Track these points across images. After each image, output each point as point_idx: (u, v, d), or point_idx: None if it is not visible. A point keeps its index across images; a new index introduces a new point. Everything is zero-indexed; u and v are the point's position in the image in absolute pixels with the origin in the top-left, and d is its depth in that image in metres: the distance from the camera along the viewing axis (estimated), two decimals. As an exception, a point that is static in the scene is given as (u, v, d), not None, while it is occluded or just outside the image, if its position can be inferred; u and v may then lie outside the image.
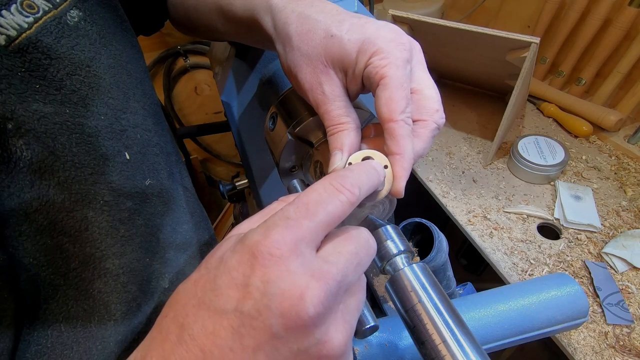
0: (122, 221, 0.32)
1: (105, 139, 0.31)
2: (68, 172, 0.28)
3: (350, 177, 0.25)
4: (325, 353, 0.21)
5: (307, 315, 0.20)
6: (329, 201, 0.23)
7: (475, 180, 0.87)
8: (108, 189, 0.31)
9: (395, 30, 0.31)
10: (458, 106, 1.08)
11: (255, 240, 0.21)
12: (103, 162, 0.31)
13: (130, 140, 0.34)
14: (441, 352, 0.25)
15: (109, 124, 0.32)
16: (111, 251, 0.32)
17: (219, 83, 0.50)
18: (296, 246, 0.21)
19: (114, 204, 0.32)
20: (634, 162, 0.87)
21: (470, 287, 0.84)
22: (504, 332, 0.45)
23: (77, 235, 0.29)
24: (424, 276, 0.29)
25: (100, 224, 0.31)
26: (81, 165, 0.29)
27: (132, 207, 0.33)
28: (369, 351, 0.44)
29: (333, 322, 0.21)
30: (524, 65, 0.72)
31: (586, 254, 0.71)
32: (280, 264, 0.20)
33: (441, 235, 0.56)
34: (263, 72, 0.47)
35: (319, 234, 0.23)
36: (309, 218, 0.22)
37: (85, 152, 0.29)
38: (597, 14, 0.87)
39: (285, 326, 0.20)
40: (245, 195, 0.93)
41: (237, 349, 0.20)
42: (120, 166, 0.32)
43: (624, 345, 0.58)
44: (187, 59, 1.17)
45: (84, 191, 0.30)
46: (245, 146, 0.53)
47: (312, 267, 0.21)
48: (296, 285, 0.20)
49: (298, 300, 0.20)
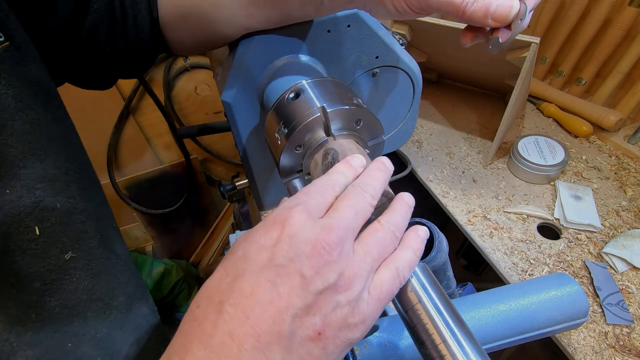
0: (32, 305, 0.30)
1: (7, 215, 0.29)
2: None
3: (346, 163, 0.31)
4: (345, 287, 0.25)
5: (326, 252, 0.24)
6: (318, 190, 0.28)
7: (475, 180, 0.87)
8: (11, 270, 0.29)
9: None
10: (458, 106, 1.08)
11: (278, 213, 0.26)
12: (3, 241, 0.29)
13: (46, 212, 0.31)
14: (441, 352, 0.25)
15: (16, 197, 0.29)
16: (22, 341, 0.29)
17: (219, 83, 0.50)
18: (310, 214, 0.26)
19: (20, 286, 0.29)
20: (634, 162, 0.87)
21: (470, 287, 0.84)
22: (504, 332, 0.45)
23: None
24: (424, 276, 0.29)
25: (10, 311, 0.28)
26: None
27: (41, 288, 0.30)
28: (369, 351, 0.44)
29: (349, 261, 0.25)
30: (524, 65, 0.72)
31: (586, 254, 0.71)
32: (300, 225, 0.25)
33: (441, 235, 0.56)
34: (264, 72, 0.47)
35: (323, 208, 0.28)
36: (306, 193, 0.28)
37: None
38: (597, 14, 0.87)
39: (312, 265, 0.24)
40: (245, 195, 0.93)
41: (275, 299, 0.23)
42: (25, 244, 0.30)
43: (624, 345, 0.58)
44: (187, 59, 1.17)
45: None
46: (245, 146, 0.53)
47: (322, 224, 0.26)
48: (314, 234, 0.25)
49: (316, 243, 0.24)
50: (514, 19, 0.30)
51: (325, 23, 0.45)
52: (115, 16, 0.42)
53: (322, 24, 0.45)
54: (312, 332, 0.24)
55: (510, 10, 0.30)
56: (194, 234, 1.58)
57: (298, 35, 0.45)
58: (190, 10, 0.43)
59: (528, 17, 0.31)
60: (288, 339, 0.23)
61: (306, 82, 0.41)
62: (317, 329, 0.24)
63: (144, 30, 0.44)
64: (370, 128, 0.38)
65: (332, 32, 0.46)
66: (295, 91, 0.40)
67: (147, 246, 1.52)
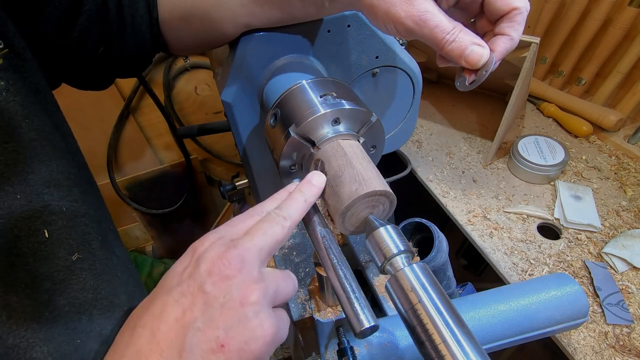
0: (44, 304, 0.31)
1: (19, 219, 0.30)
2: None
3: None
4: (245, 300, 0.26)
5: (226, 267, 0.26)
6: (241, 219, 0.32)
7: (475, 180, 0.87)
8: (24, 271, 0.30)
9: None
10: (458, 106, 1.08)
11: (194, 243, 0.29)
12: (15, 244, 0.30)
13: (54, 215, 0.32)
14: (441, 352, 0.25)
15: (26, 202, 0.31)
16: (38, 337, 0.30)
17: (219, 83, 0.50)
18: (221, 238, 0.29)
19: (33, 286, 0.30)
20: (634, 162, 0.87)
21: (470, 287, 0.84)
22: (504, 332, 0.45)
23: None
24: (424, 276, 0.29)
25: (25, 309, 0.30)
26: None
27: (51, 288, 0.32)
28: (369, 351, 0.44)
29: (249, 279, 0.27)
30: (524, 65, 0.72)
31: (586, 254, 0.71)
32: (208, 247, 0.28)
33: (441, 235, 0.56)
34: (264, 72, 0.47)
35: (241, 232, 0.30)
36: (229, 224, 0.31)
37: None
38: (597, 14, 0.87)
39: (213, 281, 0.26)
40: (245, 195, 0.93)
41: (180, 315, 0.25)
42: (35, 246, 0.31)
43: (624, 345, 0.58)
44: (187, 59, 1.17)
45: (3, 275, 0.29)
46: (245, 146, 0.53)
47: (228, 244, 0.28)
48: (218, 252, 0.27)
49: (217, 260, 0.26)
50: (482, 67, 0.34)
51: (325, 23, 0.45)
52: (108, 17, 0.42)
53: (322, 24, 0.45)
54: (215, 344, 0.25)
55: (480, 58, 0.33)
56: (194, 234, 1.58)
57: (298, 35, 0.45)
58: (191, 10, 0.43)
59: (493, 67, 0.35)
60: (189, 352, 0.24)
61: (306, 82, 0.41)
62: (220, 342, 0.25)
63: (141, 30, 0.44)
64: (353, 118, 0.38)
65: (333, 32, 0.46)
66: (274, 115, 0.40)
67: (147, 246, 1.52)
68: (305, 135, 0.37)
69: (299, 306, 0.52)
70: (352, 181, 0.33)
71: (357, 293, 0.30)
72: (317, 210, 0.36)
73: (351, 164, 0.34)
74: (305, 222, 0.35)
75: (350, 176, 0.33)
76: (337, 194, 0.33)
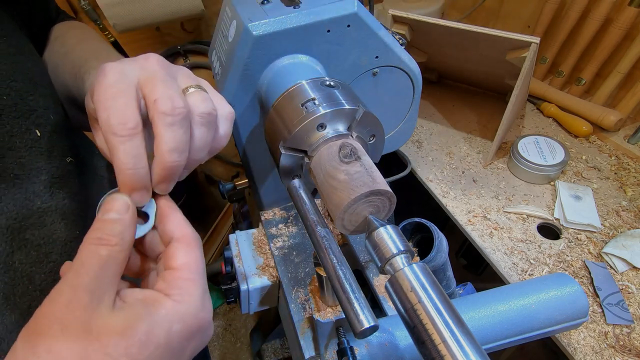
0: (37, 194, 0.35)
1: (10, 117, 0.34)
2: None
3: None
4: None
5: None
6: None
7: (475, 180, 0.87)
8: (17, 164, 0.34)
9: None
10: (458, 106, 1.08)
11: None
12: (9, 138, 0.33)
13: (41, 119, 0.36)
14: (441, 352, 0.25)
15: (13, 103, 0.34)
16: (29, 222, 0.34)
17: (219, 83, 0.50)
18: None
19: (25, 177, 0.34)
20: (634, 162, 0.87)
21: (470, 287, 0.84)
22: (504, 332, 0.45)
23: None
24: (424, 276, 0.29)
25: (15, 196, 0.33)
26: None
27: (47, 180, 0.36)
28: (369, 351, 0.44)
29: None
30: (524, 65, 0.72)
31: (586, 254, 0.71)
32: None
33: (441, 235, 0.56)
34: (263, 73, 0.47)
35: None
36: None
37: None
38: (597, 14, 0.87)
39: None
40: (245, 195, 0.93)
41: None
42: (30, 142, 0.35)
43: (624, 345, 0.58)
44: (187, 59, 1.17)
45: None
46: (245, 146, 0.53)
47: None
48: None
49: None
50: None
51: (325, 23, 0.45)
52: None
53: (322, 24, 0.45)
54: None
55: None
56: (194, 234, 1.58)
57: (298, 36, 0.45)
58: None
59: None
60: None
61: (305, 82, 0.41)
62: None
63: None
64: (338, 118, 0.38)
65: (332, 32, 0.46)
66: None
67: (147, 246, 1.52)
68: (295, 147, 0.37)
69: (299, 306, 0.52)
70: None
71: (357, 293, 0.30)
72: (317, 210, 0.36)
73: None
74: (305, 222, 0.35)
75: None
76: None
